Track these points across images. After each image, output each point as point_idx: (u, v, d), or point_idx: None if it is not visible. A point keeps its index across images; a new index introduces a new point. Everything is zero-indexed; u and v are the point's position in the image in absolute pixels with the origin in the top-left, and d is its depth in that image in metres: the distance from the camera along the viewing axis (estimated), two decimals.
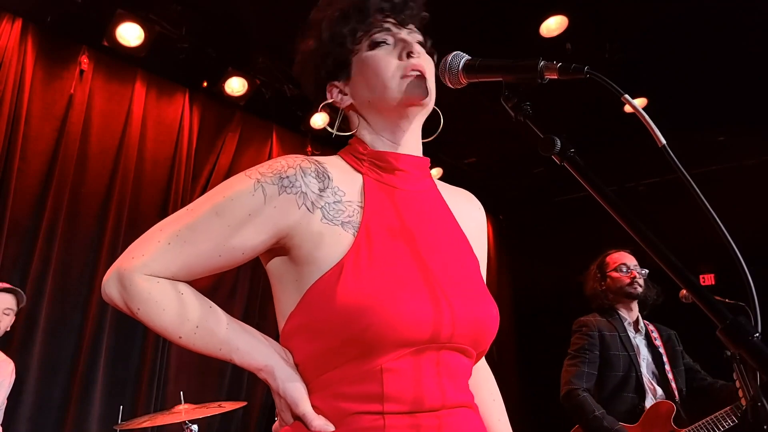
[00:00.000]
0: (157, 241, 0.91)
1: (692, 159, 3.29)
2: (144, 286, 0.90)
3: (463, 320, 0.92)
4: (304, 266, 0.92)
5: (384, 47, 1.01)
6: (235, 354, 0.91)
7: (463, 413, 0.93)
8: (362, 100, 1.03)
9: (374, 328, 0.84)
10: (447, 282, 0.93)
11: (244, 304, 4.51)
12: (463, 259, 1.02)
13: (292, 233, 0.92)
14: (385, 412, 0.86)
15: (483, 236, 1.15)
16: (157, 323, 0.90)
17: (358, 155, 1.03)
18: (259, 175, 0.93)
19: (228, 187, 0.94)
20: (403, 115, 1.02)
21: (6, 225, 3.39)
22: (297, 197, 0.93)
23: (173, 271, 0.91)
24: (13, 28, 3.55)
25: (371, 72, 1.00)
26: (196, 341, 0.91)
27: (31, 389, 3.40)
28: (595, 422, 2.69)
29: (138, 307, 0.90)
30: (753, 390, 2.35)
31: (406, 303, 0.87)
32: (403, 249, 0.94)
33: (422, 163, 1.06)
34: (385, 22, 1.03)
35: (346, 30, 1.02)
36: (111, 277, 0.92)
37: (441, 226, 1.03)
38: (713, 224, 0.71)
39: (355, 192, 0.98)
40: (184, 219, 0.93)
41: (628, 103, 0.76)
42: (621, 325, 2.98)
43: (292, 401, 0.89)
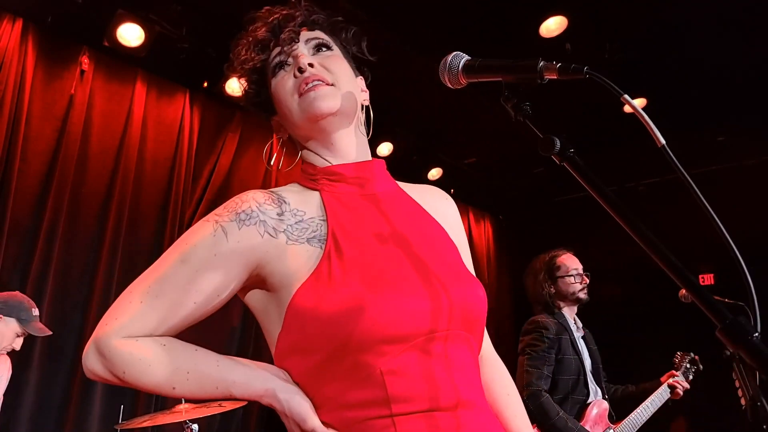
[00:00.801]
0: (129, 302, 0.90)
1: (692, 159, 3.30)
2: (124, 348, 0.88)
3: (456, 303, 0.91)
4: (281, 291, 0.92)
5: (281, 72, 1.04)
6: (233, 388, 0.89)
7: (479, 413, 0.92)
8: (290, 128, 1.07)
9: (359, 329, 0.84)
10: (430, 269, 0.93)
11: (243, 308, 4.49)
12: (440, 246, 1.02)
13: (262, 263, 0.93)
14: (394, 414, 0.84)
15: (458, 224, 1.15)
16: (147, 381, 0.88)
17: (310, 176, 1.04)
18: (216, 217, 0.95)
19: (189, 236, 0.95)
20: (320, 129, 1.02)
21: (6, 225, 3.39)
22: (257, 227, 0.93)
23: (151, 329, 0.90)
24: (13, 28, 3.55)
25: (279, 101, 1.05)
26: (191, 387, 0.89)
27: (32, 389, 3.40)
28: (560, 423, 2.69)
29: (123, 371, 0.88)
30: (752, 390, 2.35)
31: (389, 298, 0.86)
32: (377, 247, 0.94)
33: (377, 165, 1.07)
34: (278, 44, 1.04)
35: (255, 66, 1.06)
36: (89, 350, 0.90)
37: (411, 219, 1.03)
38: (713, 224, 0.71)
39: (314, 208, 0.99)
40: (153, 274, 0.92)
41: (627, 103, 0.76)
42: (568, 327, 2.99)
43: (299, 418, 0.87)
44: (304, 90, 0.99)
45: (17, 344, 2.80)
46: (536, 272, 3.13)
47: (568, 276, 3.05)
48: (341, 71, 1.04)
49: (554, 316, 3.02)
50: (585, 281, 3.07)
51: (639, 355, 4.64)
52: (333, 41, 1.08)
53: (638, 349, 5.02)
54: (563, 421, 2.69)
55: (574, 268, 3.08)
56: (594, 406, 2.88)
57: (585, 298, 3.06)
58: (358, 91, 1.07)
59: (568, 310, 3.07)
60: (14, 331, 2.74)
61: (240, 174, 4.59)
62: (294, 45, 1.03)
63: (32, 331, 2.79)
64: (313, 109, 0.99)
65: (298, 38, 1.04)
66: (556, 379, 2.85)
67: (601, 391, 2.97)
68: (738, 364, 2.52)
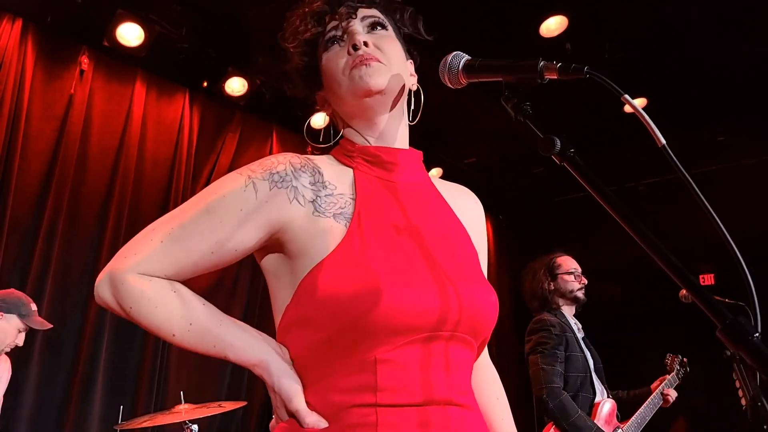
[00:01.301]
0: (150, 240, 0.91)
1: (692, 159, 3.30)
2: (136, 284, 0.89)
3: (466, 306, 0.91)
4: (297, 259, 0.92)
5: (335, 46, 1.03)
6: (230, 350, 0.89)
7: (467, 413, 0.92)
8: (336, 103, 1.05)
9: (368, 315, 0.83)
10: (445, 268, 0.93)
11: (244, 303, 4.51)
12: (459, 247, 1.02)
13: (285, 228, 0.93)
14: (379, 404, 0.84)
15: (482, 229, 1.15)
16: (150, 321, 0.89)
17: (347, 152, 1.03)
18: (250, 172, 0.94)
19: (220, 186, 0.94)
20: (366, 108, 1.01)
21: (6, 225, 3.39)
22: (288, 192, 0.93)
23: (166, 270, 0.91)
24: (13, 28, 3.55)
25: (329, 75, 1.03)
26: (190, 338, 0.90)
27: (31, 389, 3.40)
28: (580, 421, 2.71)
29: (130, 306, 0.89)
30: (753, 390, 2.35)
31: (404, 289, 0.86)
32: (398, 238, 0.93)
33: (413, 155, 1.07)
34: (334, 18, 1.03)
35: (306, 38, 1.04)
36: (103, 279, 0.92)
37: (436, 216, 1.03)
38: (713, 224, 0.71)
39: (346, 185, 0.98)
40: (177, 218, 0.93)
41: (627, 103, 0.76)
42: (570, 327, 3.02)
43: (287, 397, 0.88)
44: (356, 65, 0.99)
45: (20, 340, 2.82)
46: (535, 270, 3.17)
47: (567, 274, 3.10)
48: (394, 52, 1.03)
49: (555, 315, 3.04)
50: (583, 281, 3.11)
51: (639, 355, 4.64)
52: (388, 21, 1.07)
53: (638, 349, 5.01)
54: (583, 420, 2.71)
55: (574, 267, 3.14)
56: (604, 404, 2.91)
57: (583, 299, 3.10)
58: (407, 75, 1.06)
59: (567, 310, 3.10)
60: (16, 327, 2.76)
61: None
62: (351, 21, 1.03)
63: (33, 325, 2.80)
64: (363, 83, 0.98)
65: (356, 14, 1.04)
66: (566, 377, 2.87)
67: (606, 390, 3.00)
68: (738, 365, 2.52)
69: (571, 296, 3.08)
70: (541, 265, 3.16)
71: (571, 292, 3.08)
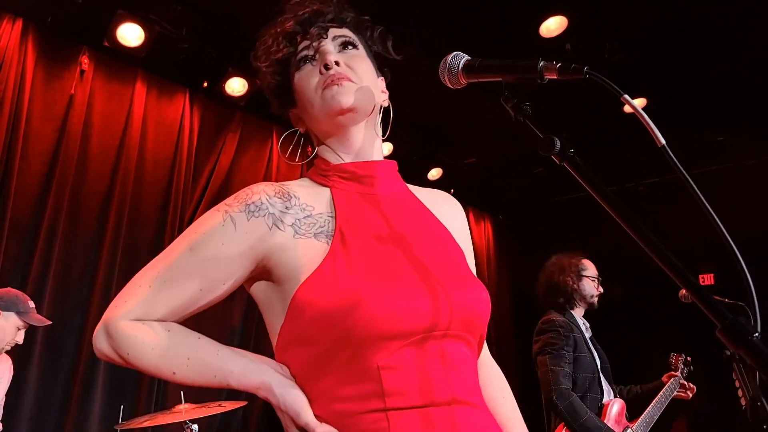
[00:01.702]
0: (138, 287, 0.93)
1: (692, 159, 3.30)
2: (129, 331, 0.91)
3: (457, 305, 0.92)
4: (285, 284, 0.93)
5: (306, 65, 1.05)
6: (231, 378, 0.91)
7: (473, 410, 0.92)
8: (309, 122, 1.08)
9: (359, 324, 0.85)
10: (435, 270, 0.94)
11: (243, 308, 4.51)
12: (445, 248, 1.03)
13: (268, 255, 0.94)
14: (388, 408, 0.85)
15: (464, 229, 1.17)
16: (148, 363, 0.91)
17: (322, 172, 1.05)
18: (226, 207, 0.97)
19: (199, 224, 0.97)
20: (338, 126, 1.03)
21: (6, 225, 3.39)
22: (266, 219, 0.95)
23: (158, 313, 0.93)
24: (13, 28, 3.55)
25: (301, 94, 1.05)
26: (190, 373, 0.91)
27: (32, 389, 3.40)
28: (590, 422, 2.72)
29: (127, 353, 0.91)
30: (752, 390, 2.35)
31: (390, 295, 0.87)
32: (383, 247, 0.95)
33: (388, 166, 1.08)
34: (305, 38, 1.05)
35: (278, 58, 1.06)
36: (99, 331, 0.94)
37: (418, 222, 1.04)
38: (713, 224, 0.71)
39: (323, 204, 1.00)
40: (162, 261, 0.95)
41: (627, 103, 0.76)
42: (578, 327, 3.05)
43: (294, 412, 0.88)
44: (328, 84, 1.00)
45: (20, 338, 2.82)
46: (564, 267, 3.18)
47: (591, 278, 3.15)
48: (365, 71, 1.05)
49: (564, 315, 3.06)
50: (600, 290, 3.18)
51: (639, 355, 4.64)
52: (358, 40, 1.09)
53: (638, 349, 5.01)
54: (593, 421, 2.73)
55: (596, 274, 3.20)
56: (614, 404, 2.93)
57: (596, 305, 3.16)
58: (378, 92, 1.08)
59: (578, 311, 3.13)
60: (15, 324, 2.77)
61: (240, 174, 4.60)
62: (322, 41, 1.05)
63: (32, 321, 2.81)
64: (335, 102, 0.99)
65: (327, 34, 1.05)
66: (575, 377, 2.89)
67: (612, 390, 3.03)
68: (738, 364, 2.52)
69: (589, 300, 3.13)
70: (570, 264, 3.18)
71: (591, 297, 3.13)
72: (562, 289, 3.12)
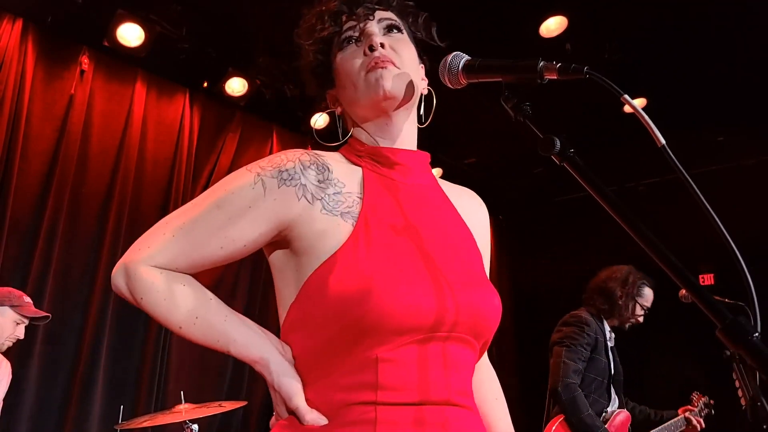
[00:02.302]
0: (162, 234, 0.94)
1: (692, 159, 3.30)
2: (147, 276, 0.92)
3: (465, 308, 0.91)
4: (303, 257, 0.93)
5: (351, 46, 1.03)
6: (232, 346, 0.91)
7: (466, 413, 0.92)
8: (347, 103, 1.06)
9: (370, 315, 0.84)
10: (448, 270, 0.94)
11: (244, 303, 4.51)
12: (464, 249, 1.02)
13: (293, 225, 0.94)
14: (378, 403, 0.85)
15: (486, 232, 1.16)
16: (158, 312, 0.92)
17: (357, 152, 1.04)
18: (259, 169, 0.96)
19: (230, 181, 0.96)
20: (379, 110, 1.02)
21: (6, 225, 3.40)
22: (296, 189, 0.94)
23: (177, 263, 0.93)
24: (13, 28, 3.56)
25: (343, 75, 1.03)
26: (195, 332, 0.92)
27: (32, 389, 3.40)
28: (589, 419, 2.77)
29: (141, 297, 0.93)
30: (752, 390, 2.35)
31: (404, 290, 0.87)
32: (403, 239, 0.94)
33: (421, 157, 1.07)
34: (351, 18, 1.03)
35: (322, 36, 1.04)
36: (118, 269, 0.95)
37: (442, 218, 1.04)
38: (713, 224, 0.71)
39: (354, 184, 0.99)
40: (188, 213, 0.95)
41: (627, 103, 0.76)
42: (603, 332, 3.08)
43: (286, 395, 0.89)
44: (372, 67, 0.99)
45: (20, 332, 2.82)
46: (626, 281, 3.16)
47: (641, 307, 3.15)
48: (409, 56, 1.04)
49: (593, 316, 3.10)
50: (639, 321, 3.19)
51: (639, 355, 4.64)
52: (402, 24, 1.08)
53: (638, 348, 5.02)
54: (592, 419, 2.78)
55: (648, 306, 3.19)
56: (620, 414, 3.00)
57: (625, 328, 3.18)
58: (419, 79, 1.07)
59: (608, 323, 3.16)
60: (12, 319, 2.77)
61: None
62: (368, 22, 1.03)
63: (28, 314, 2.80)
64: (379, 87, 0.98)
65: (373, 16, 1.04)
66: (584, 375, 2.93)
67: (619, 401, 3.07)
68: (738, 364, 2.52)
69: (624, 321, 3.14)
70: (633, 280, 3.16)
71: (628, 320, 3.14)
72: (612, 296, 3.12)
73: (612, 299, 3.11)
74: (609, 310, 3.11)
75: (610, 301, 3.11)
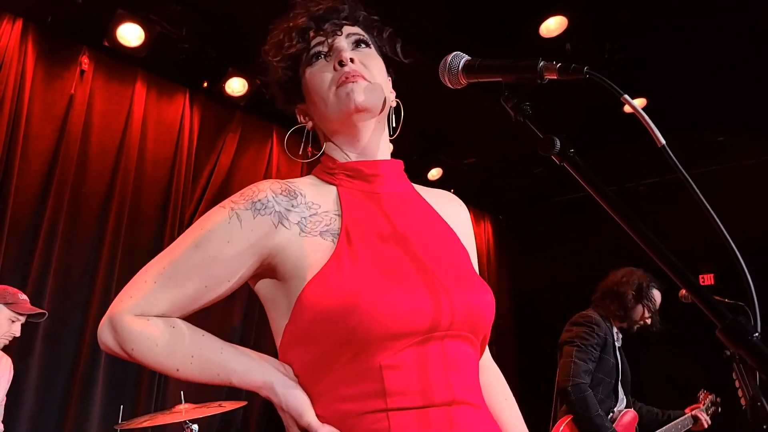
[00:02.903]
0: (144, 282, 0.93)
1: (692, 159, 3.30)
2: (134, 326, 0.91)
3: (460, 306, 0.92)
4: (290, 282, 0.93)
5: (320, 61, 1.04)
6: (234, 376, 0.91)
7: (473, 411, 0.92)
8: (318, 118, 1.06)
9: (363, 325, 0.85)
10: (438, 271, 0.94)
11: (243, 308, 4.51)
12: (451, 249, 1.03)
13: (274, 252, 0.94)
14: (389, 409, 0.85)
15: (469, 230, 1.16)
16: (152, 359, 0.91)
17: (329, 170, 1.05)
18: (232, 204, 0.96)
19: (205, 221, 0.96)
20: (350, 124, 1.03)
21: (6, 225, 3.39)
22: (272, 217, 0.95)
23: (162, 309, 0.93)
24: (13, 28, 3.55)
25: (312, 91, 1.04)
26: (194, 370, 0.91)
27: (32, 389, 3.40)
28: (599, 420, 2.79)
29: (131, 348, 0.91)
30: (752, 390, 2.35)
31: (395, 296, 0.87)
32: (389, 247, 0.95)
33: (395, 165, 1.08)
34: (319, 34, 1.04)
35: (290, 53, 1.05)
36: (104, 325, 0.94)
37: (425, 222, 1.04)
38: (713, 224, 0.71)
39: (329, 202, 1.00)
40: (167, 256, 0.95)
41: (627, 103, 0.76)
42: (612, 333, 3.11)
43: (296, 413, 0.88)
44: (343, 82, 1.00)
45: (16, 330, 2.80)
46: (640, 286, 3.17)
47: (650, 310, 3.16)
48: (377, 70, 1.05)
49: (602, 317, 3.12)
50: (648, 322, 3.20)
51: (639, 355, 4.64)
52: (369, 39, 1.09)
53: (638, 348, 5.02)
54: (601, 419, 2.80)
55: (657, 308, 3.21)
56: (627, 414, 3.02)
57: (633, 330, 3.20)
58: (388, 91, 1.08)
59: (618, 323, 3.18)
60: (7, 316, 2.76)
61: (240, 174, 4.60)
62: (336, 37, 1.04)
63: (23, 311, 2.79)
64: (350, 101, 0.99)
65: (341, 31, 1.05)
66: (593, 375, 2.95)
67: (627, 401, 3.09)
68: (738, 364, 2.52)
69: (631, 323, 3.16)
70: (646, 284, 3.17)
71: (635, 323, 3.16)
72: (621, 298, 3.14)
73: (625, 304, 3.12)
74: (623, 315, 3.13)
75: (623, 305, 3.12)
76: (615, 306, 3.12)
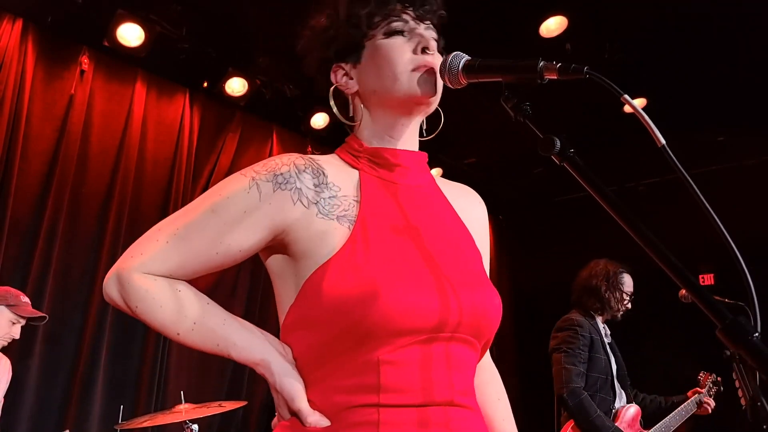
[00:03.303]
0: (156, 240, 0.93)
1: (692, 159, 3.30)
2: (141, 284, 0.91)
3: (467, 309, 0.91)
4: (301, 261, 0.92)
5: (400, 37, 1.00)
6: (233, 349, 0.91)
7: (469, 414, 0.92)
8: (368, 89, 1.02)
9: (369, 317, 0.84)
10: (450, 271, 0.93)
11: (244, 304, 4.51)
12: (464, 249, 1.02)
13: (289, 229, 0.93)
14: (381, 405, 0.85)
15: (485, 230, 1.15)
16: (155, 320, 0.91)
17: (354, 152, 1.03)
18: (254, 174, 0.95)
19: (224, 186, 0.95)
20: (406, 111, 1.01)
21: (6, 225, 3.39)
22: (292, 193, 0.93)
23: (171, 270, 0.92)
24: (13, 28, 3.56)
25: (383, 60, 0.99)
26: (194, 337, 0.91)
27: (32, 389, 3.40)
28: (599, 421, 2.79)
29: (136, 305, 0.91)
30: (752, 390, 2.35)
31: (406, 292, 0.87)
32: (402, 240, 0.94)
33: (420, 158, 1.07)
34: (404, 12, 1.01)
35: (364, 12, 1.01)
36: (111, 278, 0.93)
37: (441, 219, 1.03)
38: (713, 224, 0.71)
39: (350, 187, 0.98)
40: (182, 218, 0.94)
41: (627, 103, 0.76)
42: (597, 330, 3.11)
43: (289, 396, 0.89)
44: (422, 68, 0.98)
45: (15, 332, 2.79)
46: (607, 274, 3.21)
47: (626, 294, 3.20)
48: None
49: (585, 315, 3.13)
50: (628, 308, 3.23)
51: (639, 355, 4.64)
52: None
53: (638, 349, 5.02)
54: (602, 420, 2.80)
55: (631, 292, 3.25)
56: (629, 409, 3.01)
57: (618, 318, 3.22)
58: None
59: (600, 319, 3.19)
60: (8, 318, 2.75)
61: None
62: (424, 24, 1.02)
63: (24, 314, 2.78)
64: (424, 91, 0.97)
65: (427, 21, 1.03)
66: (587, 376, 2.95)
67: (626, 395, 3.09)
68: (738, 364, 2.52)
69: (614, 312, 3.17)
70: (613, 273, 3.21)
71: (617, 310, 3.17)
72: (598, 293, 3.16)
73: (600, 295, 3.15)
74: (600, 307, 3.15)
75: (599, 297, 3.15)
76: (591, 301, 3.15)
